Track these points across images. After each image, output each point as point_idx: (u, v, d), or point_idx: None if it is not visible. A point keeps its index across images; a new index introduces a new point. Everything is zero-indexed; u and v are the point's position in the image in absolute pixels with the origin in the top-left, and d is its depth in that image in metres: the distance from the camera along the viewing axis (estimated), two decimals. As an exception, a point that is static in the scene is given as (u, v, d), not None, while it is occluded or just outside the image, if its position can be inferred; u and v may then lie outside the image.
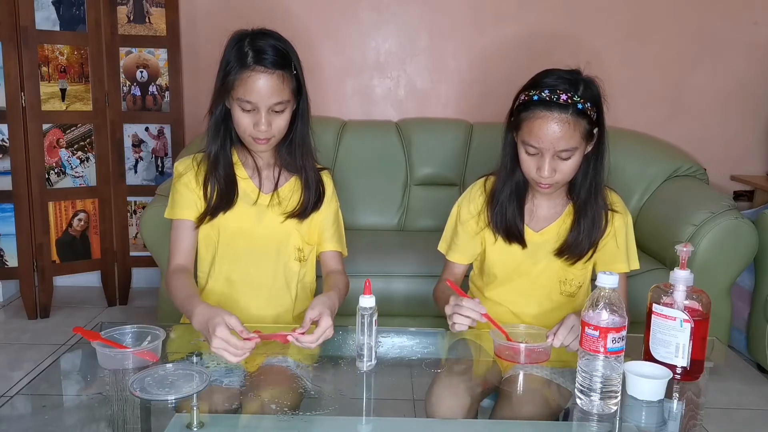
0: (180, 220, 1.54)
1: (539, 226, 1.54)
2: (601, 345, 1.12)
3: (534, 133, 1.38)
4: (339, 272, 1.61)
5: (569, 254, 1.51)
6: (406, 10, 3.07)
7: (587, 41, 3.02)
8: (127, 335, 1.33)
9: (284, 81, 1.43)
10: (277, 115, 1.45)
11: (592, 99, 1.39)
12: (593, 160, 1.46)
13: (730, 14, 3.05)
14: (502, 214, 1.52)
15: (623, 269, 1.53)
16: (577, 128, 1.36)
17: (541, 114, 1.36)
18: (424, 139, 2.86)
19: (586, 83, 1.39)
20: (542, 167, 1.39)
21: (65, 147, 2.84)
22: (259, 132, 1.44)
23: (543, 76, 1.41)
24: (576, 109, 1.35)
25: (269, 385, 1.27)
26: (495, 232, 1.54)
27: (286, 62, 1.44)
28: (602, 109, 1.42)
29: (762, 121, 3.14)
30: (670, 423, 1.20)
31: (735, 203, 2.30)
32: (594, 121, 1.40)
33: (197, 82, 2.99)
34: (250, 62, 1.41)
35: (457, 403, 1.27)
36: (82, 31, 2.79)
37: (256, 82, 1.40)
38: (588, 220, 1.49)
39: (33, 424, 1.18)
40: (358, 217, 2.75)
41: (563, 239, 1.51)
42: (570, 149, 1.38)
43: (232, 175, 1.54)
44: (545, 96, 1.36)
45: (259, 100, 1.41)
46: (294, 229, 1.57)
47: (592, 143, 1.43)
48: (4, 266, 2.85)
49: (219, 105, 1.49)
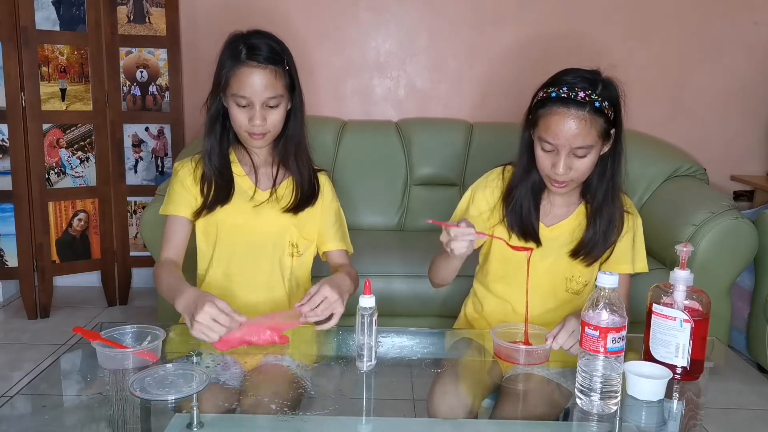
0: (174, 216, 1.57)
1: (551, 222, 1.55)
2: (601, 345, 1.12)
3: (551, 129, 1.38)
4: (347, 266, 1.63)
5: (585, 255, 1.51)
6: (406, 10, 3.07)
7: (587, 41, 3.02)
8: (127, 335, 1.33)
9: (277, 76, 1.47)
10: (272, 110, 1.49)
11: (610, 99, 1.39)
12: (610, 161, 1.47)
13: (730, 14, 3.05)
14: (518, 213, 1.52)
15: (627, 270, 1.53)
16: (594, 126, 1.37)
17: (558, 110, 1.37)
18: (424, 139, 2.86)
19: (605, 83, 1.40)
20: (557, 164, 1.39)
21: (65, 147, 2.84)
22: (254, 126, 1.48)
23: (562, 75, 1.42)
24: (593, 107, 1.36)
25: (269, 385, 1.27)
26: (510, 230, 1.54)
27: (278, 58, 1.48)
28: (620, 110, 1.43)
29: (762, 121, 3.14)
30: (670, 423, 1.20)
31: (735, 203, 2.30)
32: (611, 120, 1.40)
33: (197, 82, 2.99)
34: (243, 58, 1.46)
35: (457, 403, 1.27)
36: (82, 31, 2.79)
37: (249, 76, 1.45)
38: (604, 222, 1.48)
39: (33, 424, 1.18)
40: (358, 217, 2.75)
41: (578, 240, 1.51)
42: (586, 147, 1.38)
43: (228, 170, 1.57)
44: (563, 93, 1.37)
45: (253, 94, 1.46)
46: (290, 224, 1.59)
47: (609, 143, 1.44)
48: (4, 266, 2.85)
49: (214, 101, 1.53)
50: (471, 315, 1.67)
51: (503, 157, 1.63)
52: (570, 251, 1.52)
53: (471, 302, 1.69)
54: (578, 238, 1.51)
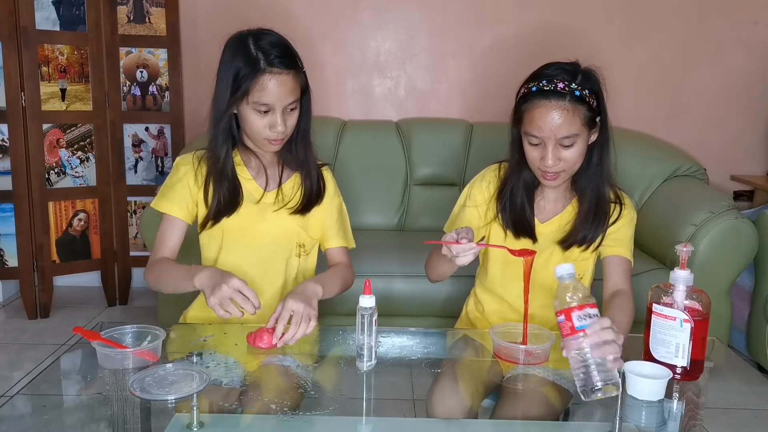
0: (170, 217, 1.54)
1: (545, 217, 1.55)
2: (569, 327, 1.12)
3: (534, 122, 1.39)
4: (343, 265, 1.63)
5: (575, 243, 1.50)
6: (406, 10, 3.07)
7: (587, 41, 3.02)
8: (127, 335, 1.33)
9: (296, 79, 1.45)
10: (291, 114, 1.47)
11: (590, 87, 1.40)
12: (597, 149, 1.47)
13: (730, 14, 3.05)
14: (511, 210, 1.52)
15: (626, 255, 1.52)
16: (577, 115, 1.37)
17: (539, 103, 1.38)
18: (424, 139, 2.86)
19: (584, 73, 1.41)
20: (546, 156, 1.40)
21: (65, 147, 2.84)
22: (276, 133, 1.44)
23: (543, 69, 1.44)
24: (574, 96, 1.37)
25: (269, 385, 1.27)
26: (504, 227, 1.54)
27: (294, 60, 1.45)
28: (602, 97, 1.43)
29: (762, 121, 3.14)
30: (670, 423, 1.20)
31: (735, 203, 2.30)
32: (594, 108, 1.41)
33: (197, 82, 2.98)
34: (263, 65, 1.40)
35: (457, 403, 1.27)
36: (82, 31, 2.79)
37: (272, 83, 1.40)
38: (592, 207, 1.49)
39: (33, 424, 1.18)
40: (358, 217, 2.75)
41: (568, 230, 1.51)
42: (571, 136, 1.38)
43: (237, 182, 1.53)
44: (543, 86, 1.39)
45: (276, 101, 1.42)
46: (297, 225, 1.58)
47: (595, 131, 1.44)
48: (4, 266, 2.85)
49: (228, 112, 1.47)
50: (473, 314, 1.67)
51: (503, 158, 1.63)
52: (559, 240, 1.52)
53: (472, 302, 1.69)
54: (571, 228, 1.52)
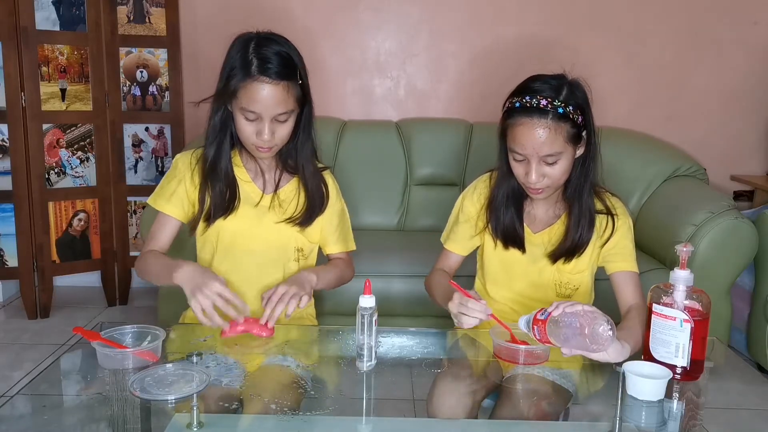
0: (165, 215, 1.54)
1: (537, 228, 1.54)
2: (539, 325, 1.23)
3: (517, 140, 1.38)
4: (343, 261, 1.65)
5: (561, 254, 1.50)
6: (406, 10, 3.07)
7: (587, 41, 3.01)
8: (127, 335, 1.33)
9: (289, 91, 1.41)
10: (281, 125, 1.44)
11: (575, 102, 1.37)
12: (583, 163, 1.45)
13: (730, 14, 3.04)
14: (500, 220, 1.52)
15: (631, 268, 1.51)
16: (559, 132, 1.35)
17: (522, 120, 1.37)
18: (424, 139, 2.86)
19: (570, 86, 1.38)
20: (530, 173, 1.39)
21: (65, 147, 2.84)
22: (262, 141, 1.43)
23: (528, 82, 1.41)
24: (556, 114, 1.34)
25: (269, 385, 1.27)
26: (494, 237, 1.54)
27: (291, 72, 1.42)
28: (588, 111, 1.41)
29: (762, 121, 3.14)
30: (670, 423, 1.20)
31: (735, 203, 2.30)
32: (580, 124, 1.38)
33: (197, 82, 2.99)
34: (254, 71, 1.38)
35: (457, 403, 1.27)
36: (82, 31, 2.79)
37: (260, 92, 1.38)
38: (575, 219, 1.48)
39: (33, 424, 1.18)
40: (358, 217, 2.75)
41: (556, 243, 1.51)
42: (554, 154, 1.37)
43: (233, 181, 1.53)
44: (526, 102, 1.37)
45: (263, 110, 1.40)
46: (295, 231, 1.57)
47: (581, 146, 1.42)
48: (4, 266, 2.85)
49: (220, 109, 1.47)
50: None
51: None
52: (548, 253, 1.51)
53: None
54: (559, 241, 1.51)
